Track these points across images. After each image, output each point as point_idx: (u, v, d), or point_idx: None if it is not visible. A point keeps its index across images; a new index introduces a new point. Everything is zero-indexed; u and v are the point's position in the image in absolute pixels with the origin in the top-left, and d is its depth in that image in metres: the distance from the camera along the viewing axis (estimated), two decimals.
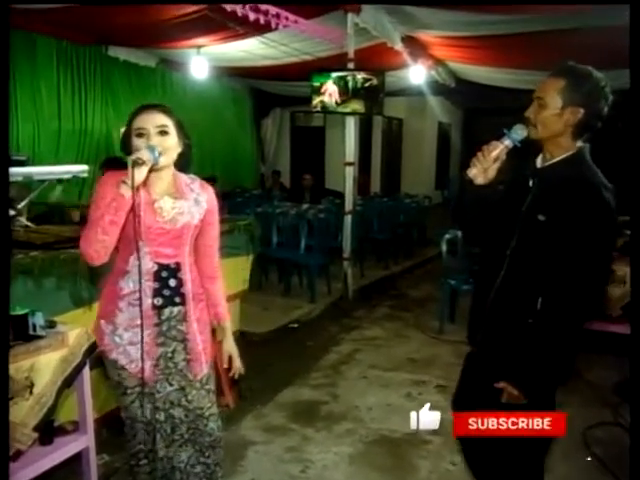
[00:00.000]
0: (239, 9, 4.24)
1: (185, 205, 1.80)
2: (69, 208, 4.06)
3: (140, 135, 1.70)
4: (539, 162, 1.68)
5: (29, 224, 3.40)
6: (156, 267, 1.77)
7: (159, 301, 1.78)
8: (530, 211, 1.61)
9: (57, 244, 2.75)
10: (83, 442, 2.27)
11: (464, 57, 7.10)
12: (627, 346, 1.73)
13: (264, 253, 5.03)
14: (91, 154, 6.46)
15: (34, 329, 2.04)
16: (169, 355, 1.82)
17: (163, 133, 1.73)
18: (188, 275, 1.83)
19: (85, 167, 4.12)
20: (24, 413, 2.00)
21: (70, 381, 2.16)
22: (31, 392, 2.02)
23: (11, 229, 2.88)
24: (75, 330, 2.18)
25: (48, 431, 2.17)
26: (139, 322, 1.74)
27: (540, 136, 1.62)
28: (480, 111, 11.36)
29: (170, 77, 7.90)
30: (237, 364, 1.97)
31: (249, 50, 6.39)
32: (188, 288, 1.83)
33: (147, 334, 1.76)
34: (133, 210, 1.66)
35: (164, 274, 1.78)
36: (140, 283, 1.72)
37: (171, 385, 1.83)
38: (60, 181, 4.26)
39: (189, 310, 1.83)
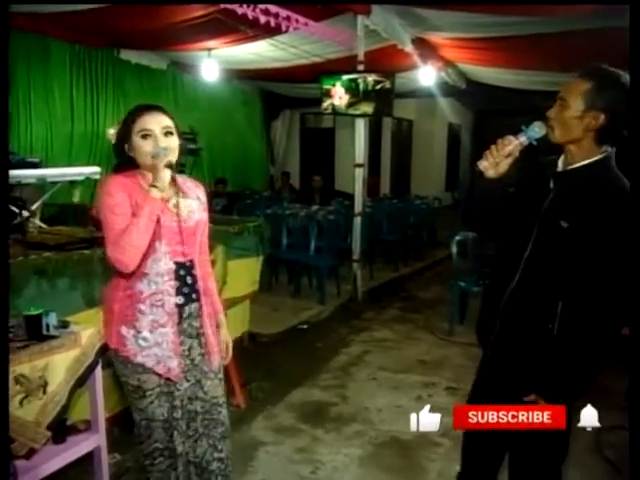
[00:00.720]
0: (250, 12, 4.26)
1: (193, 203, 1.84)
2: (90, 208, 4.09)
3: (146, 136, 1.71)
4: (560, 165, 1.63)
5: (42, 225, 3.44)
6: (174, 266, 1.79)
7: (181, 299, 1.81)
8: (550, 215, 1.57)
9: (70, 245, 2.78)
10: (95, 441, 2.29)
11: (474, 58, 7.08)
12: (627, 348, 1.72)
13: (274, 254, 5.05)
14: (103, 156, 6.52)
15: (48, 329, 2.07)
16: (186, 353, 1.86)
17: (168, 134, 1.74)
18: (199, 271, 1.87)
19: (97, 169, 4.17)
20: (38, 412, 2.02)
21: (83, 380, 2.18)
22: (45, 391, 2.04)
23: (25, 230, 2.92)
24: (88, 330, 2.20)
25: (61, 430, 2.19)
26: (163, 322, 1.77)
27: (558, 138, 1.57)
28: (490, 112, 11.30)
29: (181, 79, 7.96)
30: (229, 355, 2.03)
31: (259, 52, 6.42)
32: (200, 284, 1.86)
33: (172, 332, 1.79)
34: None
35: (182, 272, 1.81)
36: (157, 283, 1.75)
37: (188, 381, 1.87)
38: (73, 183, 4.32)
39: (202, 305, 1.87)
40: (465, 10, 4.92)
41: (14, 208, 3.22)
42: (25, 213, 3.27)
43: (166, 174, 1.68)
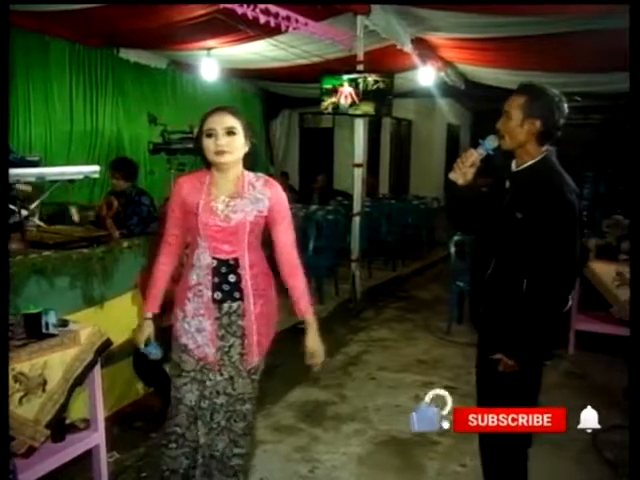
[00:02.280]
0: (249, 12, 4.25)
1: (240, 203, 1.87)
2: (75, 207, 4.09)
3: (210, 135, 1.82)
4: (513, 166, 1.93)
5: (41, 224, 3.44)
6: (215, 262, 1.87)
7: (218, 295, 1.89)
8: (508, 209, 1.87)
9: (69, 244, 2.78)
10: (94, 439, 2.30)
11: (473, 59, 7.09)
12: (626, 347, 1.77)
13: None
14: (102, 155, 6.51)
15: (47, 327, 2.07)
16: (226, 349, 1.92)
17: (231, 134, 1.83)
18: (247, 271, 1.90)
19: (96, 168, 4.16)
20: (37, 410, 2.03)
21: (82, 379, 2.18)
22: (44, 389, 2.05)
23: (24, 229, 2.92)
24: (87, 329, 2.21)
25: (60, 428, 2.20)
26: (202, 312, 1.90)
27: (508, 145, 1.88)
28: (489, 113, 11.27)
29: (180, 78, 7.95)
30: (317, 360, 2.09)
31: (259, 52, 6.41)
32: (247, 284, 1.90)
33: (209, 324, 1.90)
34: (193, 210, 1.86)
35: (223, 269, 1.89)
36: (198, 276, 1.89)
37: (222, 375, 1.94)
38: (72, 181, 4.31)
39: (248, 306, 1.91)
40: (465, 11, 4.93)
41: (13, 207, 3.22)
42: (24, 212, 3.26)
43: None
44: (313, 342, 2.05)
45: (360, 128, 5.63)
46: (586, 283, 3.88)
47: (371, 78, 5.39)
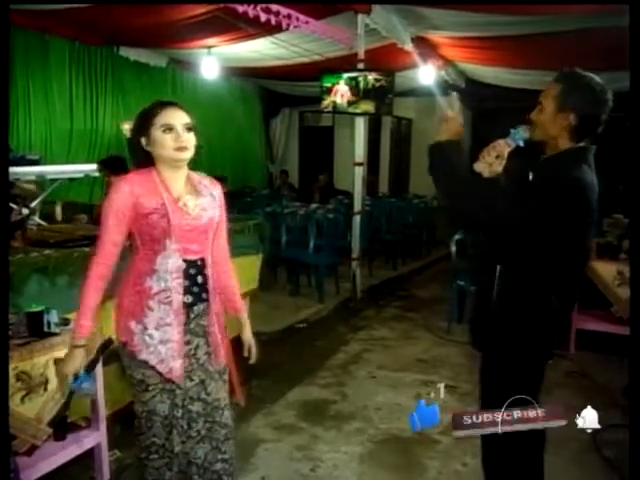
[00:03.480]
0: (250, 10, 4.25)
1: (205, 201, 1.84)
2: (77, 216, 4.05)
3: (168, 130, 1.73)
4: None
5: (42, 222, 3.44)
6: (184, 265, 1.79)
7: (189, 298, 1.81)
8: (524, 203, 1.72)
9: (70, 242, 2.78)
10: (96, 438, 2.30)
11: (474, 57, 7.09)
12: (626, 346, 1.76)
13: (273, 253, 5.05)
14: (102, 153, 6.50)
15: (49, 326, 2.08)
16: (192, 352, 1.86)
17: (189, 130, 1.78)
18: (210, 270, 1.87)
19: (96, 166, 4.16)
20: (39, 409, 2.03)
21: None
22: (46, 388, 2.05)
23: (25, 228, 2.92)
24: None
25: (62, 427, 2.20)
26: (169, 320, 1.77)
27: (538, 137, 1.75)
28: (489, 111, 11.29)
29: (180, 77, 7.95)
30: (254, 352, 2.04)
31: (259, 50, 6.41)
32: (211, 283, 1.87)
33: (177, 331, 1.79)
34: (159, 211, 1.73)
35: (192, 271, 1.82)
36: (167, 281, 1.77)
37: (192, 380, 1.87)
38: (72, 180, 4.32)
39: (211, 305, 1.87)
40: (465, 9, 4.92)
41: (13, 205, 3.22)
42: (25, 210, 3.26)
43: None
44: (249, 337, 2.04)
45: (360, 127, 5.63)
46: (587, 282, 3.88)
47: (371, 77, 5.40)
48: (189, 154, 1.77)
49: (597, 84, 1.69)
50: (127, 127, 1.77)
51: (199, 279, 1.83)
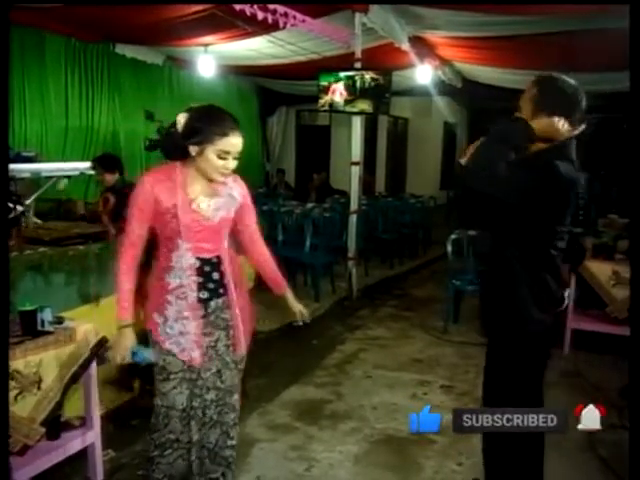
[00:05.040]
0: (247, 8, 4.23)
1: (220, 201, 1.88)
2: (76, 202, 4.07)
3: (223, 157, 1.77)
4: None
5: (37, 220, 3.42)
6: (198, 262, 1.86)
7: (204, 294, 1.88)
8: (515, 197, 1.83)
9: (65, 240, 2.77)
10: (89, 437, 2.29)
11: (471, 57, 7.09)
12: (626, 347, 1.77)
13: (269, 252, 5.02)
14: (97, 151, 6.46)
15: (42, 325, 2.06)
16: (212, 344, 1.92)
17: (237, 159, 1.82)
18: (228, 267, 1.92)
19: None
20: (32, 408, 2.02)
21: (77, 377, 2.17)
22: (39, 387, 2.04)
23: (20, 225, 2.90)
24: (83, 326, 2.19)
25: (55, 426, 2.18)
26: (186, 314, 1.86)
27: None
28: (486, 111, 11.32)
29: (177, 75, 7.92)
30: (305, 313, 2.21)
31: (256, 49, 6.40)
32: (230, 279, 1.92)
33: (195, 325, 1.87)
34: (171, 211, 1.80)
35: (207, 268, 1.88)
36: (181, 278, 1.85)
37: (209, 370, 1.93)
38: (67, 177, 4.29)
39: (232, 299, 1.93)
40: (462, 9, 4.92)
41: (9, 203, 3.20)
42: (20, 208, 3.24)
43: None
44: (296, 304, 2.20)
45: (357, 126, 5.62)
46: (582, 282, 3.89)
47: (368, 76, 5.39)
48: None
49: (569, 86, 1.78)
50: (182, 120, 1.73)
51: (215, 276, 1.89)
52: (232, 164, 1.81)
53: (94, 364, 2.24)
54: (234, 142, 1.78)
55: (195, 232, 1.83)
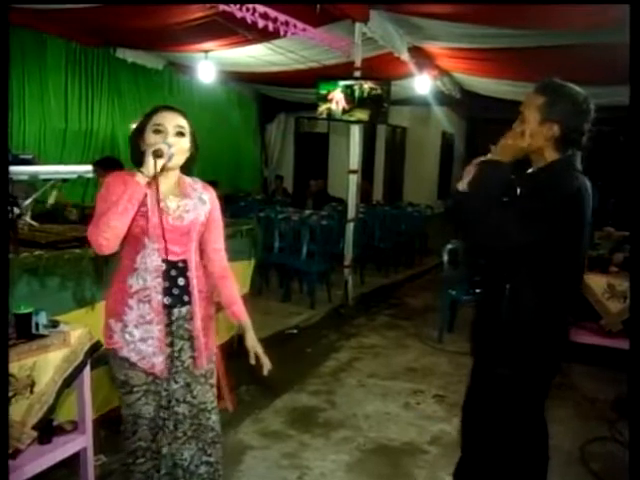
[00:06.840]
0: (248, 16, 4.26)
1: (190, 203, 1.84)
2: (68, 207, 4.06)
3: (158, 131, 1.74)
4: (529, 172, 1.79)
5: (33, 223, 3.42)
6: (164, 265, 1.79)
7: (168, 300, 1.80)
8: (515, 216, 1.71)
9: (61, 243, 2.76)
10: (81, 442, 2.27)
11: (469, 68, 7.14)
12: (625, 360, 1.75)
13: (265, 258, 5.04)
14: (96, 154, 6.47)
15: (37, 328, 2.05)
16: (176, 354, 1.85)
17: (180, 134, 1.77)
18: (194, 273, 1.85)
19: (90, 167, 4.14)
20: (24, 411, 2.01)
21: (70, 381, 2.16)
22: (32, 391, 2.03)
23: (16, 228, 2.89)
24: (77, 330, 2.19)
25: (47, 430, 2.17)
26: (149, 319, 1.77)
27: (522, 151, 1.73)
28: (484, 122, 11.39)
29: (177, 80, 7.95)
30: (265, 360, 1.99)
31: (256, 56, 6.43)
32: (195, 286, 1.85)
33: (158, 329, 1.79)
34: (140, 209, 1.71)
35: (173, 272, 1.81)
36: (146, 280, 1.76)
37: (177, 383, 1.87)
38: (65, 181, 4.29)
39: (195, 308, 1.85)
40: (461, 21, 4.97)
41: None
42: (16, 210, 3.24)
43: (158, 164, 1.66)
44: (254, 343, 2.01)
45: (356, 134, 5.65)
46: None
47: (367, 85, 5.42)
48: (174, 157, 1.74)
49: (578, 93, 1.69)
50: (133, 127, 1.79)
51: (180, 281, 1.82)
52: (174, 140, 1.73)
53: (88, 368, 2.23)
54: (165, 115, 1.76)
55: (164, 232, 1.76)
